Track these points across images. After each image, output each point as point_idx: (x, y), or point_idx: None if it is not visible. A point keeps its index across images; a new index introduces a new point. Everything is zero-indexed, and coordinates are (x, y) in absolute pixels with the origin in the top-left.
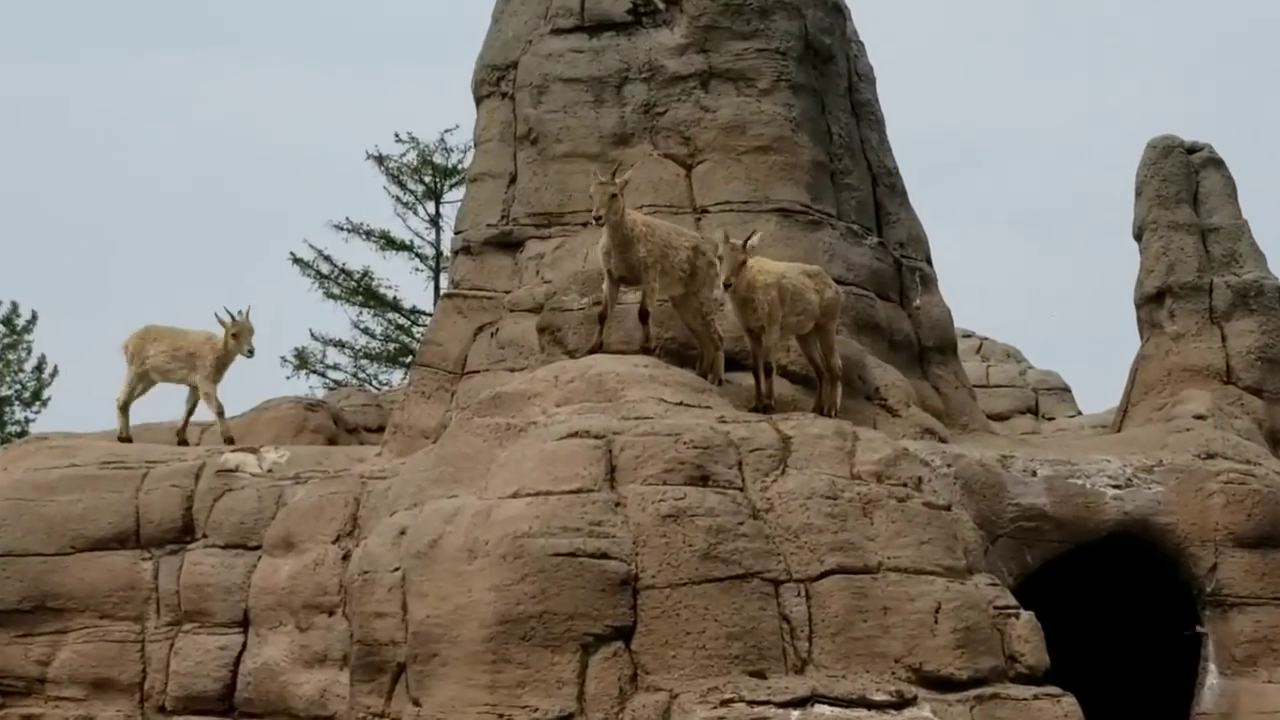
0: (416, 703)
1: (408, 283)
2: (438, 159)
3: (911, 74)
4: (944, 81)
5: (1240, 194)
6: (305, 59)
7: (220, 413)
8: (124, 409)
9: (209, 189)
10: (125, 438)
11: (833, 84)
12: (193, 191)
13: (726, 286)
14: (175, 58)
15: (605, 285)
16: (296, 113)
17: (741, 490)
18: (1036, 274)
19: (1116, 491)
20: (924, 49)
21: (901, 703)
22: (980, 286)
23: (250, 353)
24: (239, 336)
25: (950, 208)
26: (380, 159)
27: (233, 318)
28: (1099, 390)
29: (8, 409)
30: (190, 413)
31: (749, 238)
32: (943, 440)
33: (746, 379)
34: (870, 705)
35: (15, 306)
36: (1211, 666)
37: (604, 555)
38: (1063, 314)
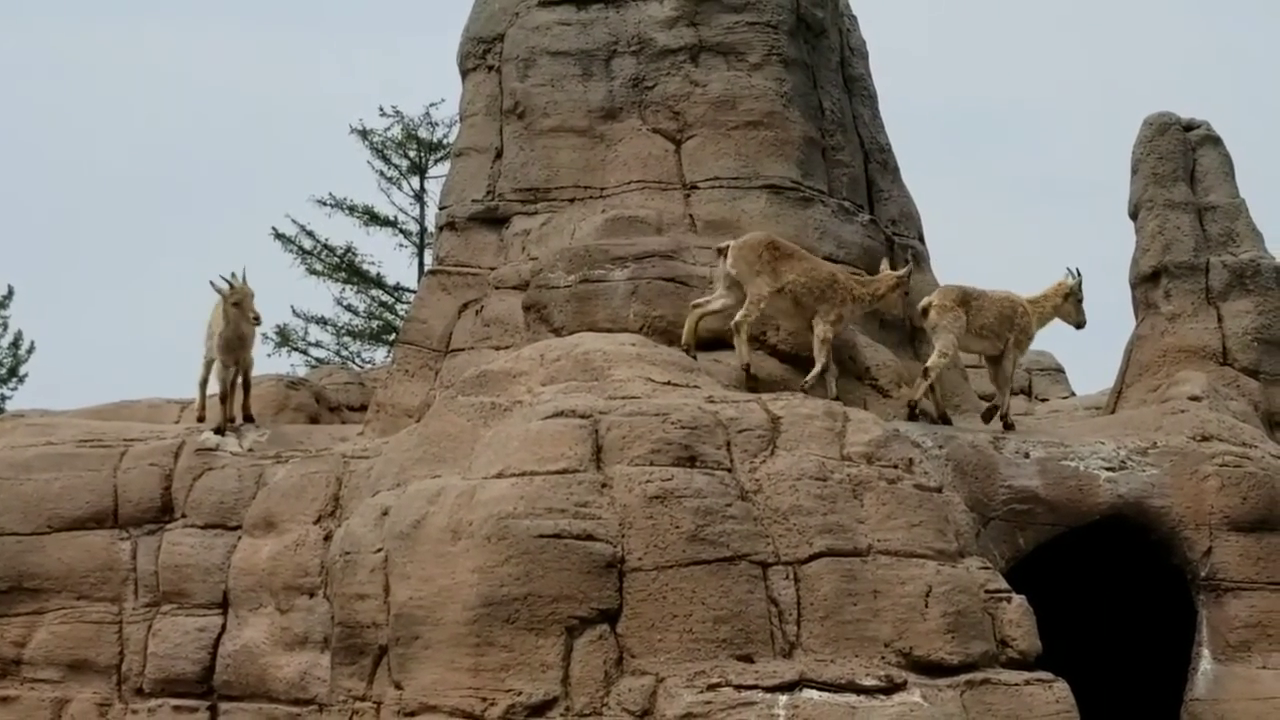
0: (398, 686)
1: (391, 259)
2: (422, 133)
3: (898, 49)
4: (927, 56)
5: (1238, 172)
6: (288, 28)
7: (221, 396)
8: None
9: (189, 162)
10: (200, 416)
11: (824, 58)
12: (172, 165)
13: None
14: (153, 26)
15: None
16: (279, 85)
17: (730, 471)
18: (1030, 251)
19: (1110, 474)
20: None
21: (891, 687)
22: (972, 264)
23: (257, 319)
24: (241, 305)
25: (942, 182)
26: (364, 133)
27: (230, 284)
28: (1093, 371)
29: None
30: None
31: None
32: (933, 421)
33: (733, 359)
34: (859, 690)
35: None
36: (1205, 652)
37: (590, 537)
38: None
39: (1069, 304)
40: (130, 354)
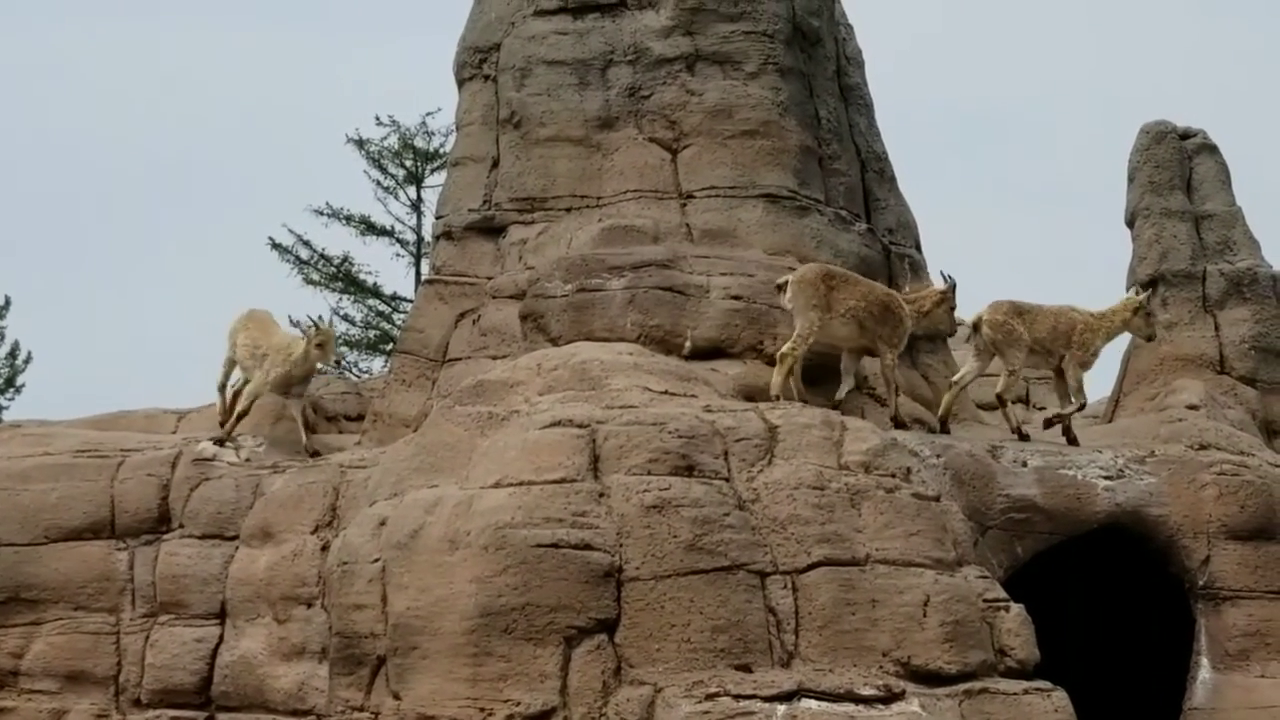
0: (396, 696)
1: (388, 269)
2: (419, 143)
3: (897, 53)
4: (921, 62)
5: (1235, 180)
6: (283, 36)
7: (243, 412)
8: (220, 389)
9: (186, 173)
10: (223, 420)
11: (821, 67)
12: (169, 176)
13: None
14: (149, 37)
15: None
16: (275, 95)
17: (727, 480)
18: (1027, 259)
19: (1108, 483)
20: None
21: (889, 697)
22: (970, 271)
23: (336, 363)
24: (324, 347)
25: (939, 190)
26: (360, 143)
27: (316, 326)
28: (1091, 380)
29: None
30: (305, 424)
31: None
32: (932, 430)
33: (730, 368)
34: (858, 699)
35: None
36: (1204, 660)
37: (587, 546)
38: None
39: (1138, 318)
40: (127, 364)
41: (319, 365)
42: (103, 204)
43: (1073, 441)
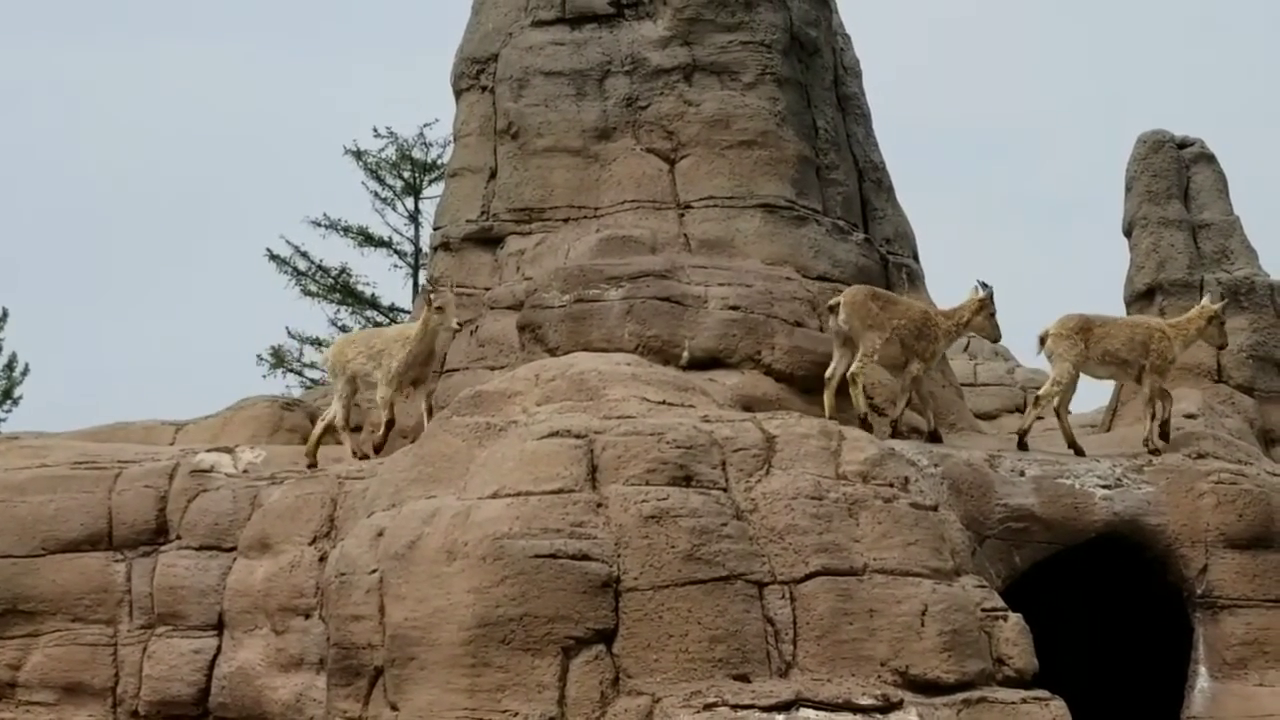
0: (394, 707)
1: (386, 280)
2: (417, 154)
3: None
4: (919, 76)
5: (1231, 189)
6: (280, 48)
7: (389, 423)
8: (346, 428)
9: (184, 183)
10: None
11: (818, 77)
12: (167, 186)
13: None
14: (148, 49)
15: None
16: (273, 107)
17: (725, 490)
18: (1024, 270)
19: (1106, 492)
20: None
21: (887, 706)
22: (966, 282)
23: (457, 329)
24: (443, 309)
25: (938, 202)
26: (358, 154)
27: (431, 288)
28: (1088, 389)
29: None
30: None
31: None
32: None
33: (728, 378)
34: (856, 709)
35: None
36: (1202, 669)
37: (585, 557)
38: (1052, 311)
39: (1212, 327)
40: (125, 376)
41: (445, 334)
42: (100, 216)
43: (1155, 452)
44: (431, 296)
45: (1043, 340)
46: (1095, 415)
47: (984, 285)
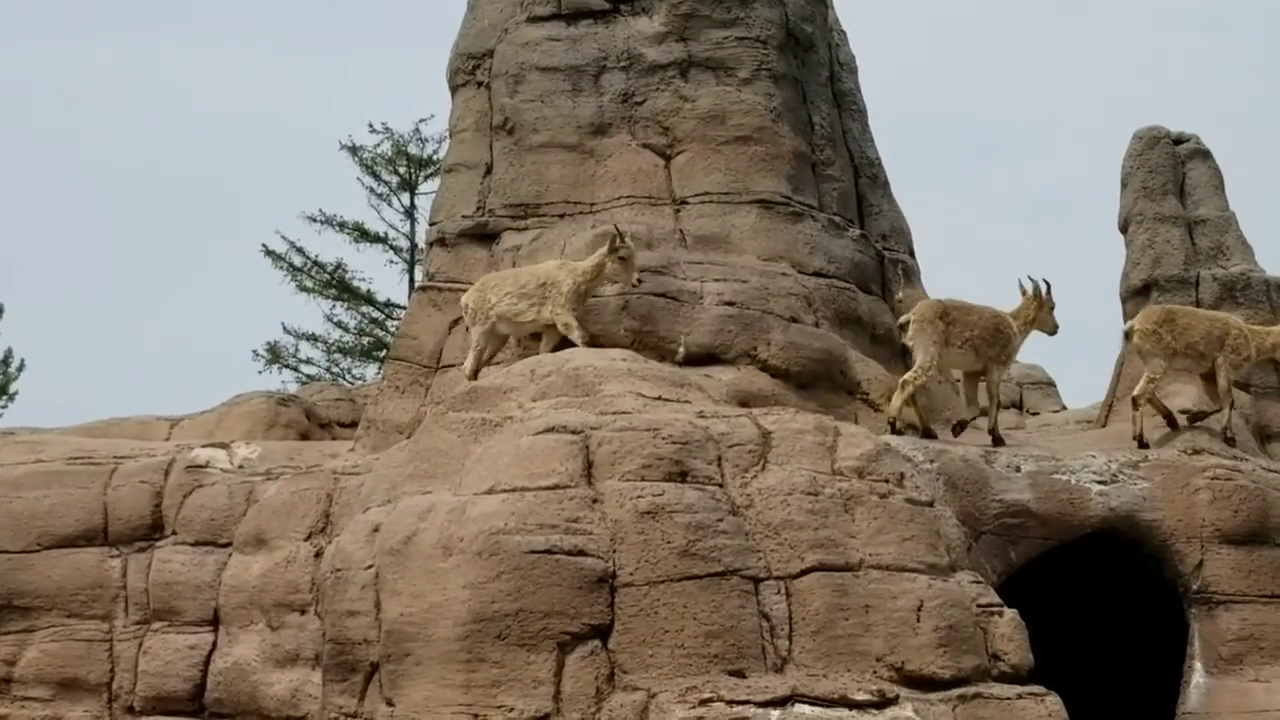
0: (390, 703)
1: (382, 275)
2: (412, 149)
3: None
4: (919, 73)
5: (1228, 185)
6: (276, 44)
7: (584, 339)
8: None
9: (180, 180)
10: None
11: (814, 73)
12: (163, 183)
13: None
14: (143, 45)
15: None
16: (268, 101)
17: (721, 486)
18: (1021, 266)
19: (1101, 487)
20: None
21: (883, 702)
22: (962, 277)
23: (639, 283)
24: (626, 261)
25: (933, 198)
26: (354, 149)
27: (619, 237)
28: (1084, 385)
29: None
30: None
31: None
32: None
33: (724, 374)
34: (851, 705)
35: None
36: (1197, 665)
37: (581, 552)
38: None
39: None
40: (121, 371)
41: (613, 286)
42: (96, 211)
43: (1230, 442)
44: (619, 243)
45: (1128, 335)
46: (1091, 411)
47: (1039, 281)
